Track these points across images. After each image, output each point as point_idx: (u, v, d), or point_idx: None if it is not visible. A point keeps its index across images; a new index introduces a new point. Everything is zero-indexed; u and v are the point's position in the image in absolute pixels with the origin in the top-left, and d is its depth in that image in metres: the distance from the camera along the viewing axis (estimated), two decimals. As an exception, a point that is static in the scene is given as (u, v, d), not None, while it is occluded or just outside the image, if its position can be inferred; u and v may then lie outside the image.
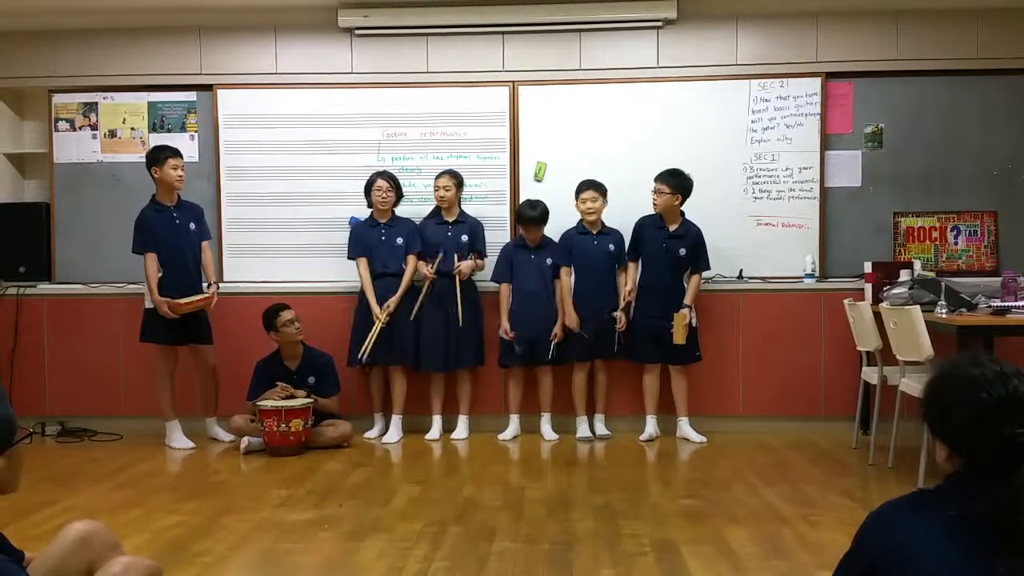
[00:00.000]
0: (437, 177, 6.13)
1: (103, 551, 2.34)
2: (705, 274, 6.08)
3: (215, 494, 4.80)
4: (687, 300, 5.93)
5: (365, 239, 6.16)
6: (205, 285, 6.03)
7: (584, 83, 6.40)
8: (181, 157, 5.95)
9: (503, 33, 6.41)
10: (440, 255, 6.00)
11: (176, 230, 5.93)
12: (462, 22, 6.34)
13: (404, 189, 6.21)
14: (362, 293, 6.13)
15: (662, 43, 6.38)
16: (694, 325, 5.96)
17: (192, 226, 6.03)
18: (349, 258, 6.18)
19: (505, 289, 6.12)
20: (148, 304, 5.92)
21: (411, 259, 6.13)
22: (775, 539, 3.89)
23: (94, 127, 6.61)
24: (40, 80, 6.61)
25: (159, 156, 5.88)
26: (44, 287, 6.55)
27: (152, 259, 5.84)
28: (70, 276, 6.58)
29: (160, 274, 5.83)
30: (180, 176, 5.90)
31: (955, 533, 1.67)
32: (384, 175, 6.12)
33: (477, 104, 6.44)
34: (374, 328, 6.01)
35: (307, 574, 3.56)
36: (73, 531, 2.36)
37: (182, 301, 5.81)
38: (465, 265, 6.02)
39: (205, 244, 6.11)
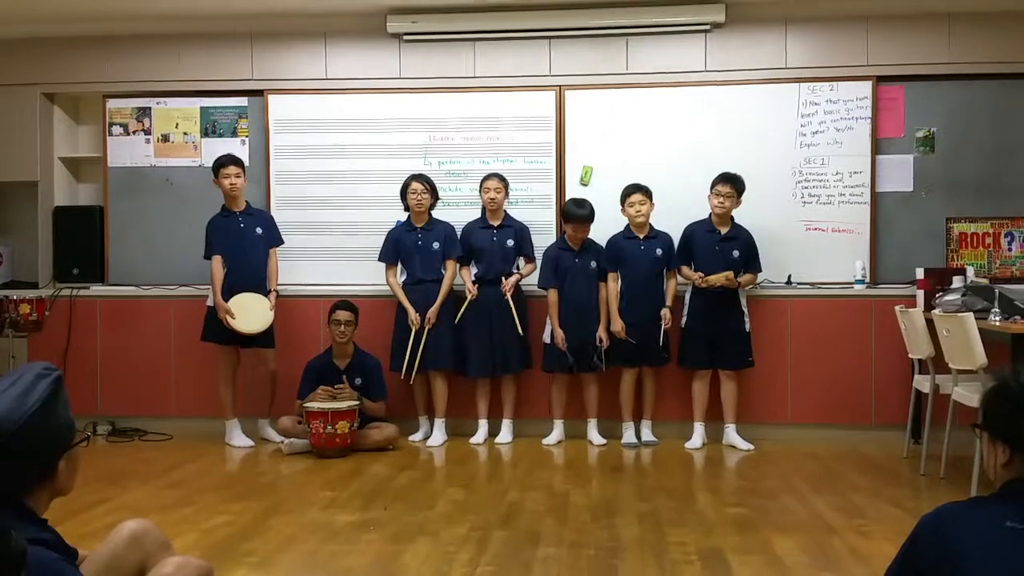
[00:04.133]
0: (486, 179, 6.10)
1: (154, 550, 2.37)
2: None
3: (262, 495, 4.85)
4: (743, 281, 5.92)
5: (401, 244, 6.15)
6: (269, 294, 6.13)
7: (630, 87, 6.37)
8: (234, 164, 6.05)
9: (549, 38, 6.41)
10: (476, 285, 6.04)
11: (241, 235, 6.07)
12: (509, 27, 6.35)
13: (450, 193, 6.23)
14: None
15: (710, 47, 6.33)
16: (747, 330, 5.94)
17: (259, 231, 6.15)
18: (379, 260, 6.19)
19: (553, 295, 6.06)
20: (209, 302, 6.05)
21: (450, 264, 6.12)
22: (824, 549, 3.84)
23: (147, 132, 6.72)
24: (95, 85, 6.74)
25: (214, 168, 6.07)
26: (97, 289, 6.67)
27: (217, 262, 6.00)
28: (123, 278, 6.69)
29: (224, 271, 5.97)
30: (231, 184, 6.03)
31: (1013, 541, 1.65)
32: (418, 177, 6.09)
33: (523, 108, 6.43)
34: (411, 342, 5.98)
35: (353, 576, 3.59)
36: (125, 530, 2.39)
37: (241, 328, 5.91)
38: (510, 283, 6.01)
39: (273, 250, 6.21)
